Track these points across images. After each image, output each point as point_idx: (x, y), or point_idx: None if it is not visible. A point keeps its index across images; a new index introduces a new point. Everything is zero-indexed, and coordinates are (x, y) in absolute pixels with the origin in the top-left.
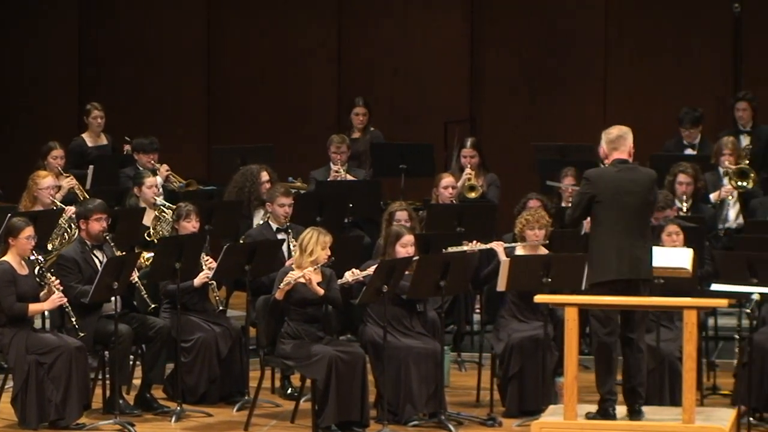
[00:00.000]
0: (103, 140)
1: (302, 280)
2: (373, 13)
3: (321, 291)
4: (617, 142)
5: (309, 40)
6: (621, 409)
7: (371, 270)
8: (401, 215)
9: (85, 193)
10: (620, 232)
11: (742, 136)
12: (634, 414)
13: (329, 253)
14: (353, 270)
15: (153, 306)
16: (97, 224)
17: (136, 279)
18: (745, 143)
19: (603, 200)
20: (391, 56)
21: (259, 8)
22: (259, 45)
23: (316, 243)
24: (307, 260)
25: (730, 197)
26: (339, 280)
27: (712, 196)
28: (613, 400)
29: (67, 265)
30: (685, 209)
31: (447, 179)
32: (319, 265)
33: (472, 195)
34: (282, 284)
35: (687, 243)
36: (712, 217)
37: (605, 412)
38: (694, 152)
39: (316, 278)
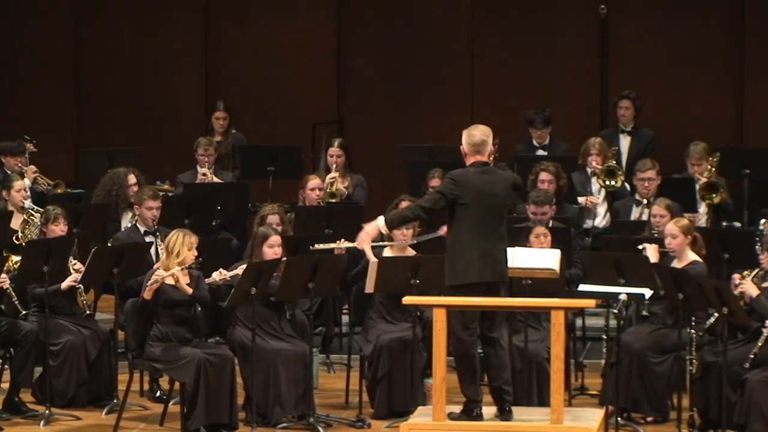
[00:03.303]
0: None
1: (170, 279)
2: (239, 15)
3: (189, 290)
4: (481, 146)
5: (175, 43)
6: (491, 410)
7: (239, 270)
8: (273, 219)
9: None
10: (483, 234)
11: (622, 136)
12: (504, 414)
13: (196, 253)
14: (221, 270)
15: (24, 312)
16: None
17: (8, 285)
18: (625, 144)
19: (467, 202)
20: (258, 58)
21: (127, 11)
22: (126, 47)
23: (182, 244)
24: (174, 262)
25: (597, 199)
26: (207, 280)
27: (580, 200)
28: (478, 402)
29: None
30: None
31: (314, 181)
32: (186, 266)
33: (333, 201)
34: (149, 282)
35: (555, 244)
36: (577, 216)
37: (469, 412)
38: (545, 153)
39: (184, 279)
